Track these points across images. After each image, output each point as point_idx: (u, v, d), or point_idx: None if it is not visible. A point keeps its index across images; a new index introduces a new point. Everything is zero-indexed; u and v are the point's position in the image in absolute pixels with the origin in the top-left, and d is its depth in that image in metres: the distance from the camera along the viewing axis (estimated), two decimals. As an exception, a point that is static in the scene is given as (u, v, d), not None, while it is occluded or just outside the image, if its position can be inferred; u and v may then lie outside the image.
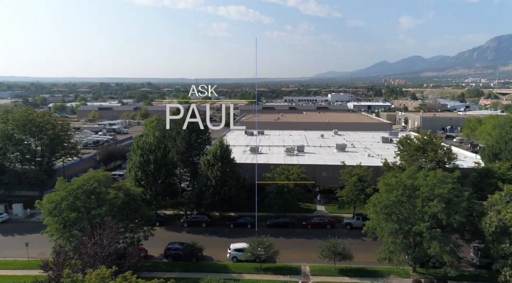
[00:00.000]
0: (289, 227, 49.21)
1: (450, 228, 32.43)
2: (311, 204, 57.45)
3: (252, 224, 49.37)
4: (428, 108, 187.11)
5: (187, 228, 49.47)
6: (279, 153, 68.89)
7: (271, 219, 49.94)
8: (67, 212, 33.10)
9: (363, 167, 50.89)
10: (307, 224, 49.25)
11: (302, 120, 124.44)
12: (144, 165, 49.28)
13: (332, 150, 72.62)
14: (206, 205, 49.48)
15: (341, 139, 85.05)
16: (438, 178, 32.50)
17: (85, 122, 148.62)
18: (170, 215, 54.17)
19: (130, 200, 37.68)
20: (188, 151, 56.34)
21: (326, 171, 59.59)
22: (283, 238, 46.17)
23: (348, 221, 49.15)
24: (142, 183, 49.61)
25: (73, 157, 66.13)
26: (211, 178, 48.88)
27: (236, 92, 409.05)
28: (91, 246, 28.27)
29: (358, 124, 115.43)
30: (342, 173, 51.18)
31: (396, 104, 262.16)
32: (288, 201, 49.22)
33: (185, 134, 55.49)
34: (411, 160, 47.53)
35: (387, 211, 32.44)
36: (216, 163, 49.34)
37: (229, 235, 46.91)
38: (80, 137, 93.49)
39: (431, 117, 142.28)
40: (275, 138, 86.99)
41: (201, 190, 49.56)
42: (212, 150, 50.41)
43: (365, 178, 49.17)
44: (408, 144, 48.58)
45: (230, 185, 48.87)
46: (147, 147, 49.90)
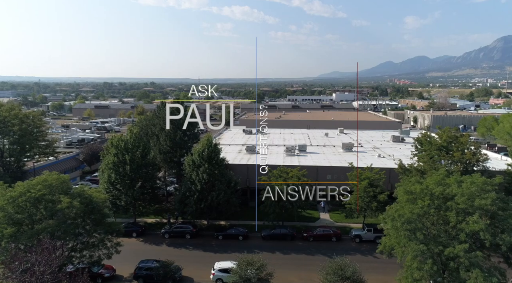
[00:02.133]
0: (288, 239, 42.04)
1: (493, 250, 25.08)
2: (314, 211, 50.18)
3: (244, 235, 42.30)
4: (438, 107, 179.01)
5: (169, 239, 42.44)
6: (278, 153, 61.68)
7: (266, 230, 42.81)
8: (2, 225, 26.18)
9: (374, 169, 43.55)
10: (308, 236, 42.05)
11: (305, 119, 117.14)
12: (119, 166, 42.37)
13: (337, 149, 65.32)
14: (190, 213, 42.42)
15: (347, 138, 77.64)
16: (478, 184, 25.12)
17: (78, 120, 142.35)
18: (151, 223, 47.20)
19: (91, 209, 30.71)
20: (173, 149, 49.27)
21: (331, 173, 52.17)
22: (280, 253, 39.02)
23: (357, 233, 41.85)
24: (118, 187, 42.77)
25: (48, 157, 59.30)
26: (196, 181, 41.82)
27: (239, 92, 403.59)
28: (21, 276, 21.26)
29: (365, 122, 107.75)
30: (349, 176, 43.96)
31: (402, 103, 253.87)
32: (287, 208, 42.08)
33: (169, 131, 48.44)
34: (431, 162, 40.19)
35: (411, 227, 25.10)
36: (203, 164, 42.29)
37: (217, 249, 39.88)
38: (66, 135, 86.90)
39: (442, 115, 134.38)
40: (275, 137, 79.71)
41: (185, 195, 42.49)
42: (198, 148, 43.30)
43: (377, 182, 41.92)
44: (429, 143, 41.19)
45: (219, 190, 41.79)
46: (123, 145, 42.93)
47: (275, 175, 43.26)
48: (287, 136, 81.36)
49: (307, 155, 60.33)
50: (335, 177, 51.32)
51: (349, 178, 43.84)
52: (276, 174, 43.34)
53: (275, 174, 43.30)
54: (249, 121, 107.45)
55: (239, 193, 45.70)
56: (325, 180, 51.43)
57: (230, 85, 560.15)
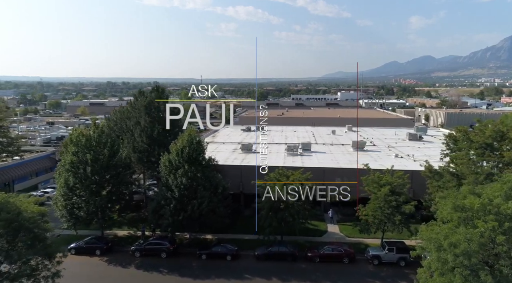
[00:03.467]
0: (288, 259, 33.56)
1: None
2: (320, 221, 41.74)
3: (234, 254, 33.93)
4: (451, 105, 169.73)
5: (140, 259, 34.09)
6: (279, 152, 53.26)
7: (261, 248, 34.37)
8: None
9: (396, 172, 34.89)
10: (314, 256, 33.51)
11: (310, 116, 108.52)
12: (78, 167, 34.17)
13: (347, 148, 56.75)
14: (166, 226, 34.07)
15: (357, 136, 68.93)
16: None
17: (69, 118, 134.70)
18: (123, 237, 38.96)
19: (17, 227, 22.49)
20: (150, 147, 40.93)
21: (341, 175, 43.39)
22: (278, 279, 30.54)
23: (376, 253, 33.21)
24: (78, 193, 34.57)
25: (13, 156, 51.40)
26: (173, 186, 33.48)
27: (242, 92, 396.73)
28: None
29: (375, 120, 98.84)
30: (365, 181, 35.40)
31: (410, 102, 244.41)
32: (287, 222, 33.64)
33: (145, 126, 40.12)
34: (471, 163, 31.63)
35: (471, 263, 16.69)
36: (182, 165, 33.97)
37: (198, 273, 31.54)
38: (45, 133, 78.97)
39: (457, 113, 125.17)
40: (276, 135, 71.20)
41: (159, 204, 34.16)
42: (177, 146, 34.88)
43: (400, 189, 33.37)
44: (467, 139, 32.58)
45: (202, 197, 33.41)
46: (84, 141, 34.69)
47: (272, 178, 34.82)
48: (289, 134, 72.89)
49: (311, 155, 51.87)
50: (345, 180, 42.71)
51: (364, 183, 35.30)
52: (274, 177, 34.91)
53: (273, 177, 34.87)
54: (248, 119, 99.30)
55: (228, 200, 37.31)
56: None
57: (234, 85, 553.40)
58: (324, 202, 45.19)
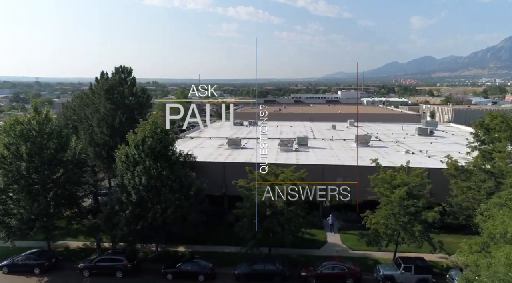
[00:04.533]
0: (276, 280, 26.44)
1: None
2: (318, 229, 34.56)
3: (208, 273, 26.79)
4: (456, 102, 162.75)
5: (89, 279, 27.04)
6: (271, 148, 46.03)
7: (243, 265, 27.21)
8: None
9: (414, 169, 27.65)
10: (309, 275, 26.36)
11: (308, 112, 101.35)
12: (11, 163, 27.07)
13: (349, 143, 49.64)
14: (121, 237, 26.95)
15: (360, 131, 61.82)
16: None
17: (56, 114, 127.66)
18: (76, 249, 31.85)
19: None
20: (111, 139, 33.68)
21: (343, 174, 36.09)
22: (262, 309, 23.41)
23: (388, 273, 25.97)
24: (11, 196, 27.48)
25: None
26: (129, 188, 26.34)
27: (241, 91, 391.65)
28: None
29: (379, 115, 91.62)
30: (373, 180, 28.21)
31: (412, 101, 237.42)
32: (275, 232, 26.51)
33: (105, 113, 32.91)
34: (508, 157, 24.56)
35: None
36: (142, 161, 26.83)
37: (159, 300, 24.41)
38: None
39: (465, 109, 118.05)
40: (271, 130, 63.73)
41: (113, 209, 27.00)
42: (136, 137, 27.63)
43: (419, 191, 26.24)
44: (508, 127, 25.43)
45: (167, 201, 26.24)
46: (19, 129, 27.56)
47: (258, 177, 27.67)
48: (285, 129, 65.77)
49: (308, 150, 44.75)
50: (349, 180, 35.52)
51: (372, 183, 28.13)
52: (259, 176, 27.77)
53: (258, 176, 27.71)
54: (243, 115, 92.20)
55: (204, 204, 30.13)
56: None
57: (234, 85, 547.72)
58: (322, 206, 38.12)
